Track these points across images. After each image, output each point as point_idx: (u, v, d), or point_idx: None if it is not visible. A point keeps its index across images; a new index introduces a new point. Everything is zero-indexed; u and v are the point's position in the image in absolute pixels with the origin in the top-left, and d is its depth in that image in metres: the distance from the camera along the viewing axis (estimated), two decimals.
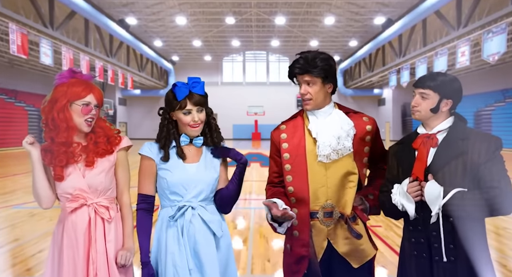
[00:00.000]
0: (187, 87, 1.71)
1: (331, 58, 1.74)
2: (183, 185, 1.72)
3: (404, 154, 1.72)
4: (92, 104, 1.67)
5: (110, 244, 1.72)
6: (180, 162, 1.75)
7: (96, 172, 1.70)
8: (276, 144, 1.80)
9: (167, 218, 1.72)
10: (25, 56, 13.18)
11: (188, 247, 1.67)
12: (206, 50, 30.35)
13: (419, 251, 1.64)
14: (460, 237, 1.55)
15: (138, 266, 1.78)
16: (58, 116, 1.62)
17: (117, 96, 31.74)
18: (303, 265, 1.68)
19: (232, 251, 1.84)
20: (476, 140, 1.56)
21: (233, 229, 4.87)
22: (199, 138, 1.79)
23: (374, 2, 18.98)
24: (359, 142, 1.74)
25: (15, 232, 4.79)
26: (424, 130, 1.70)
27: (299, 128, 1.79)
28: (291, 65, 1.75)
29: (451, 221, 1.55)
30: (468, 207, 1.49)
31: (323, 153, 1.69)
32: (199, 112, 1.73)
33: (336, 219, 1.71)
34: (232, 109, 32.85)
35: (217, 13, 21.25)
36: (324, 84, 1.72)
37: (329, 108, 1.78)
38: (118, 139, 1.78)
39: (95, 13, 17.58)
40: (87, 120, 1.67)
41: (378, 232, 4.68)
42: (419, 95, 1.66)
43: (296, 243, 1.70)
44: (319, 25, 23.26)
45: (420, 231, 1.63)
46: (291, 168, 1.73)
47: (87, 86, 1.68)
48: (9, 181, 9.38)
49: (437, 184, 1.55)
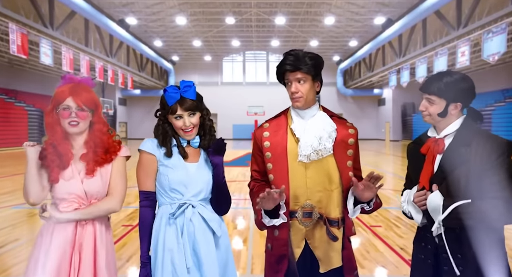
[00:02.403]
0: (177, 92, 1.71)
1: (319, 57, 1.73)
2: (184, 184, 1.72)
3: (415, 156, 1.71)
4: (72, 107, 1.68)
5: (101, 251, 1.71)
6: (181, 160, 1.76)
7: (94, 180, 1.71)
8: (258, 142, 1.79)
9: (166, 215, 1.72)
10: (25, 56, 13.18)
11: (188, 245, 1.67)
12: (206, 50, 30.36)
13: (426, 256, 1.63)
14: (467, 248, 1.49)
15: (137, 267, 1.77)
16: (47, 120, 1.71)
17: (117, 96, 31.75)
18: (284, 264, 1.68)
19: (231, 251, 1.84)
20: (479, 146, 1.49)
21: (233, 229, 4.87)
22: (196, 138, 1.80)
23: (374, 2, 18.98)
24: (341, 145, 1.72)
25: (15, 232, 4.79)
26: (434, 133, 1.66)
27: (282, 127, 1.78)
28: (280, 63, 1.73)
29: (457, 232, 1.50)
30: (469, 221, 1.43)
31: (304, 153, 1.69)
32: (191, 117, 1.74)
33: (315, 220, 1.70)
34: (232, 109, 32.85)
35: (217, 13, 21.25)
36: (314, 82, 1.73)
37: (314, 109, 1.78)
38: (118, 148, 1.79)
39: (95, 13, 17.58)
40: (70, 123, 1.68)
41: (378, 232, 4.68)
42: (426, 100, 1.62)
43: (276, 242, 1.70)
44: (319, 25, 23.26)
45: (429, 238, 1.61)
46: (272, 167, 1.72)
47: (68, 90, 1.69)
48: (9, 181, 9.38)
49: (438, 197, 1.51)
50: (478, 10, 14.31)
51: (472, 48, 15.04)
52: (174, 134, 1.79)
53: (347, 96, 33.31)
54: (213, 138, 1.83)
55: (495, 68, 21.16)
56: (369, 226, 4.99)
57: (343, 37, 25.79)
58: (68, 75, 1.77)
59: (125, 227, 4.88)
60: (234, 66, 34.54)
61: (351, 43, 26.82)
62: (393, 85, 22.85)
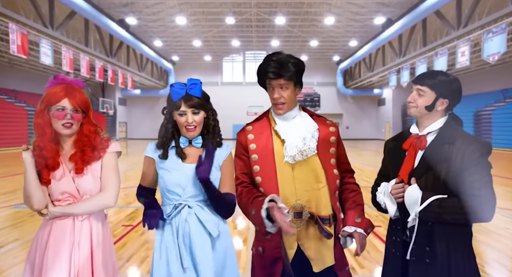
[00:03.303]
0: (183, 88, 1.73)
1: (301, 62, 1.74)
2: (180, 185, 1.73)
3: (395, 152, 1.74)
4: (68, 109, 1.67)
5: (97, 250, 1.71)
6: (179, 161, 1.76)
7: (86, 178, 1.71)
8: (243, 145, 1.78)
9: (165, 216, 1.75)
10: (25, 56, 13.19)
11: (183, 245, 1.68)
12: (206, 50, 30.36)
13: (396, 249, 1.67)
14: (437, 242, 1.55)
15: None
16: (37, 121, 1.68)
17: (117, 96, 31.76)
18: (278, 266, 1.67)
19: (231, 252, 1.82)
20: (462, 145, 1.54)
21: (233, 229, 4.87)
22: (198, 138, 1.80)
23: (374, 2, 18.99)
24: (324, 144, 1.75)
25: (15, 232, 4.79)
26: (416, 130, 1.70)
27: (266, 129, 1.79)
28: (262, 69, 1.73)
29: (429, 225, 1.55)
30: (445, 215, 1.49)
31: (290, 154, 1.69)
32: (194, 114, 1.74)
33: (305, 220, 1.70)
34: (232, 109, 32.84)
35: (217, 13, 21.25)
36: (295, 87, 1.74)
37: (295, 111, 1.79)
38: (106, 145, 1.78)
39: (95, 13, 17.59)
40: (64, 125, 1.68)
41: (378, 232, 4.68)
42: (416, 91, 1.67)
43: (269, 245, 1.69)
44: (319, 25, 23.27)
45: (399, 230, 1.67)
46: (259, 169, 1.72)
47: (63, 91, 1.68)
48: (9, 181, 9.38)
49: (417, 190, 1.56)
50: (478, 10, 14.32)
51: (472, 48, 15.06)
52: (175, 135, 1.79)
53: (347, 96, 33.32)
54: (216, 137, 1.82)
55: (495, 68, 21.14)
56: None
57: (343, 37, 25.80)
58: (61, 75, 1.76)
59: (125, 227, 4.88)
60: (234, 66, 34.55)
61: (351, 43, 26.83)
62: (393, 85, 22.86)
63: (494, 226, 4.84)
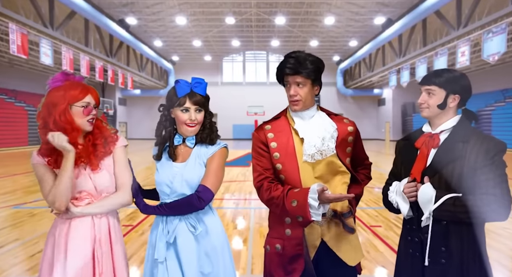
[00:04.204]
0: (189, 85, 1.74)
1: (320, 61, 1.74)
2: (168, 184, 1.74)
3: (407, 151, 1.73)
4: (91, 104, 1.71)
5: (116, 245, 1.75)
6: (169, 161, 1.79)
7: (101, 174, 1.73)
8: (264, 142, 1.76)
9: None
10: (25, 56, 13.19)
11: (164, 241, 1.71)
12: (206, 50, 30.36)
13: (414, 249, 1.64)
14: (452, 241, 1.53)
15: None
16: (60, 119, 1.64)
17: (117, 96, 31.76)
18: (299, 264, 1.66)
19: (225, 251, 1.80)
20: (477, 143, 1.52)
21: (233, 229, 4.87)
22: (192, 138, 1.80)
23: (374, 2, 18.99)
24: (342, 144, 1.76)
25: (15, 232, 4.79)
26: (429, 128, 1.68)
27: (285, 128, 1.78)
28: (281, 66, 1.73)
29: (444, 224, 1.53)
30: (460, 214, 1.46)
31: (308, 153, 1.70)
32: (197, 112, 1.75)
33: (329, 218, 1.72)
34: (232, 109, 32.84)
35: (217, 13, 21.25)
36: (313, 86, 1.74)
37: (313, 110, 1.80)
38: (115, 138, 1.81)
39: (95, 13, 17.59)
40: (89, 120, 1.71)
41: (378, 232, 4.68)
42: (425, 92, 1.65)
43: (289, 242, 1.68)
44: (319, 25, 23.27)
45: (415, 230, 1.64)
46: (282, 167, 1.72)
47: (84, 88, 1.71)
48: (9, 181, 9.38)
49: (431, 188, 1.53)
50: (478, 10, 14.32)
51: (472, 48, 15.05)
52: (172, 135, 1.80)
53: (347, 96, 33.31)
54: (211, 132, 1.81)
55: (495, 68, 21.16)
56: (369, 226, 4.99)
57: (343, 37, 25.80)
58: (70, 73, 1.79)
59: (125, 227, 4.87)
60: (234, 66, 34.54)
61: (351, 43, 26.83)
62: (393, 85, 22.86)
63: (494, 226, 4.83)
